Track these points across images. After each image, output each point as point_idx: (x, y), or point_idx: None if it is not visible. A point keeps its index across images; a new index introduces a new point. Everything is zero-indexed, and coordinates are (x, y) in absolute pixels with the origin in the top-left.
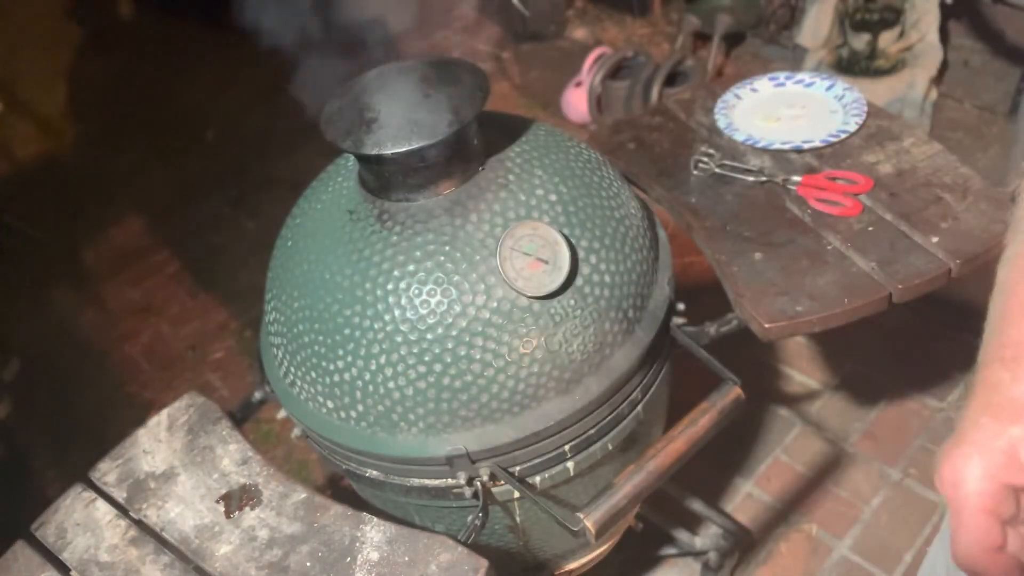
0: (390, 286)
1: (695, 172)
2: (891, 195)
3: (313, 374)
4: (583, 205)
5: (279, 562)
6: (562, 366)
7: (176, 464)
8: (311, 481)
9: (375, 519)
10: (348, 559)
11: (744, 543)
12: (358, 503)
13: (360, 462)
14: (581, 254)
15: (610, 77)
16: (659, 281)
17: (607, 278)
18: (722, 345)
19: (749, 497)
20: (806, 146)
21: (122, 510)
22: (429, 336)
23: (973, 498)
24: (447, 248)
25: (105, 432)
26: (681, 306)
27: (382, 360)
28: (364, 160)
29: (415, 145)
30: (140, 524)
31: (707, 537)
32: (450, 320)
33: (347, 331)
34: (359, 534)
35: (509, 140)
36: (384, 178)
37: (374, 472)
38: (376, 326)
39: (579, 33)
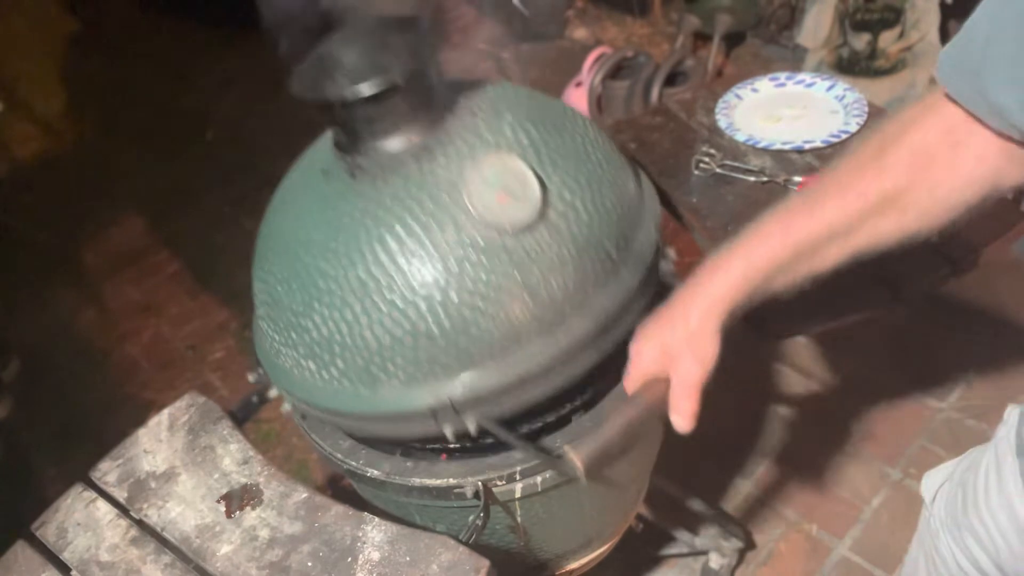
0: (362, 234)
1: (696, 172)
2: None
3: (293, 335)
4: (555, 146)
5: (280, 562)
6: (542, 304)
7: (177, 464)
8: (311, 481)
9: (376, 519)
10: (349, 559)
11: (744, 543)
12: (359, 503)
13: (347, 428)
14: (553, 189)
15: (610, 77)
16: (645, 225)
17: (583, 216)
18: (722, 344)
19: (749, 497)
20: (807, 146)
21: (123, 510)
22: (400, 280)
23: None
24: (415, 190)
25: (105, 432)
26: (672, 254)
27: (357, 308)
28: (329, 111)
29: (376, 88)
30: (141, 524)
31: (707, 537)
32: (421, 263)
33: (321, 283)
34: (360, 534)
35: (477, 90)
36: (353, 131)
37: (375, 472)
38: (349, 275)
39: (579, 33)
